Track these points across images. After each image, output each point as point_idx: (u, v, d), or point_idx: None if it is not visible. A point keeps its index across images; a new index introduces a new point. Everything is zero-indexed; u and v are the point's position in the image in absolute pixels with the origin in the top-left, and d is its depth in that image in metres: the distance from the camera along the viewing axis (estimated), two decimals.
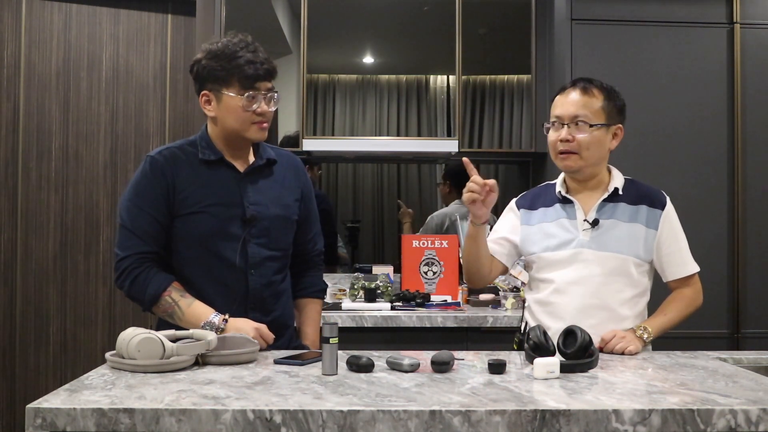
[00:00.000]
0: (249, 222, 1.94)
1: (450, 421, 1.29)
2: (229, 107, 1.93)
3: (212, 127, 2.01)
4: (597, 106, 2.04)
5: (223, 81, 1.91)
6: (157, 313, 1.93)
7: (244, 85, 1.91)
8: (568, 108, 2.05)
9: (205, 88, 1.95)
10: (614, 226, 2.03)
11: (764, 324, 3.18)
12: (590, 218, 2.04)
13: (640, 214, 2.03)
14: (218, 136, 1.99)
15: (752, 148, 3.24)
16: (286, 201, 2.05)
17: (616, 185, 2.06)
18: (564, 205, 2.10)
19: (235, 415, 1.29)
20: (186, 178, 1.94)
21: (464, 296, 3.25)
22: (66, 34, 3.35)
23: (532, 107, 3.48)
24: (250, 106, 1.92)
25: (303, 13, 3.37)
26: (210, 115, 1.97)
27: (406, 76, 3.56)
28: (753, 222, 3.23)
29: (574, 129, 2.03)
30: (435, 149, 3.48)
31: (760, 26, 3.27)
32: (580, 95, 2.05)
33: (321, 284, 2.23)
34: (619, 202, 2.05)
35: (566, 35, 3.23)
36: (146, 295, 1.89)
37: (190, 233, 1.93)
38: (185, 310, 1.88)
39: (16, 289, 3.25)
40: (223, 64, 1.90)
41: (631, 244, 2.01)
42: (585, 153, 2.03)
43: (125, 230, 1.92)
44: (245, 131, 1.95)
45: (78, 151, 3.35)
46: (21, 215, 3.27)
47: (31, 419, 1.29)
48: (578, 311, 1.99)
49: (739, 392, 1.47)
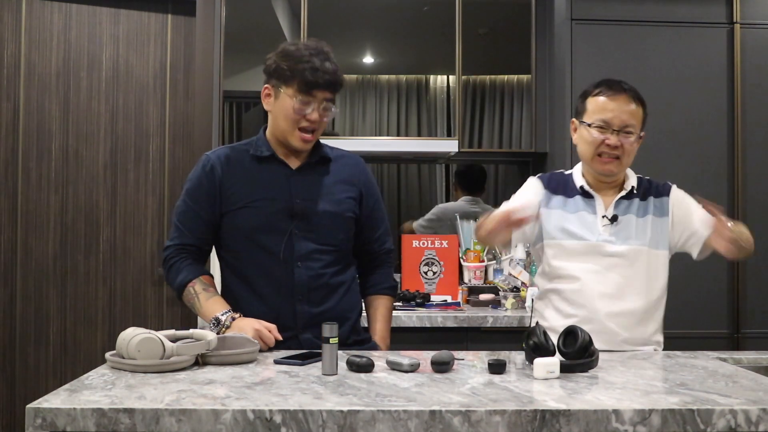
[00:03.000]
0: (296, 216, 1.99)
1: (450, 421, 1.29)
2: (283, 106, 1.98)
3: (269, 124, 2.07)
4: (640, 116, 2.12)
5: (285, 80, 1.97)
6: (185, 302, 2.04)
7: (302, 88, 1.96)
8: (620, 116, 2.07)
9: (269, 83, 2.01)
10: (631, 221, 2.11)
11: (764, 324, 3.18)
12: (609, 214, 2.11)
13: (649, 206, 2.12)
14: (272, 134, 2.06)
15: (752, 148, 3.24)
16: (339, 197, 2.07)
17: (633, 184, 2.15)
18: (585, 198, 2.15)
19: (235, 415, 1.29)
20: (235, 175, 2.03)
21: (464, 296, 3.25)
22: (66, 34, 3.35)
23: (532, 107, 3.48)
24: (302, 110, 1.96)
25: (303, 13, 3.37)
26: (267, 108, 2.04)
27: (406, 76, 3.56)
28: (753, 222, 3.21)
29: (623, 136, 2.07)
30: (435, 149, 3.48)
31: (760, 26, 3.27)
32: (631, 103, 2.09)
33: (389, 281, 2.23)
34: (633, 199, 2.13)
35: (566, 35, 3.23)
36: (175, 284, 2.02)
37: (237, 228, 2.02)
38: (203, 303, 1.97)
39: (16, 289, 3.25)
40: (290, 64, 1.96)
41: (647, 237, 2.09)
42: (626, 159, 2.11)
43: (173, 223, 2.07)
44: (289, 134, 2.00)
45: (78, 151, 3.35)
46: (21, 215, 3.27)
47: (31, 419, 1.29)
48: (601, 301, 2.05)
49: (739, 392, 1.47)
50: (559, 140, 3.25)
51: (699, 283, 2.19)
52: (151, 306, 3.40)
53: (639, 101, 2.11)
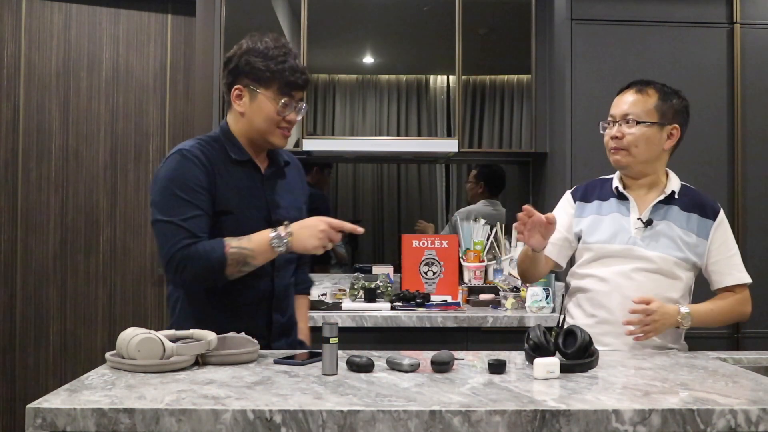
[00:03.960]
0: (273, 225, 1.90)
1: (450, 421, 1.29)
2: (262, 108, 1.91)
3: (236, 123, 1.97)
4: (650, 104, 2.10)
5: (263, 81, 1.90)
6: (230, 273, 1.82)
7: (283, 90, 1.91)
8: (621, 107, 2.12)
9: (240, 83, 1.92)
10: (667, 228, 2.09)
11: (764, 324, 3.18)
12: (644, 217, 2.10)
13: (691, 222, 2.10)
14: (241, 133, 1.96)
15: (752, 147, 3.24)
16: (299, 204, 2.08)
17: (673, 188, 2.12)
18: (619, 200, 2.15)
19: (235, 415, 1.29)
20: (221, 174, 1.91)
21: (464, 296, 3.25)
22: (66, 34, 3.35)
23: (532, 107, 3.48)
24: (282, 112, 1.92)
25: (303, 13, 3.37)
26: (239, 110, 1.94)
27: (406, 76, 3.56)
28: (753, 222, 3.23)
29: (624, 126, 2.09)
30: (435, 149, 3.48)
31: (760, 26, 3.27)
32: (634, 95, 2.12)
33: (309, 281, 2.30)
34: (672, 206, 2.11)
35: (566, 35, 3.23)
36: (213, 264, 1.79)
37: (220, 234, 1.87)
38: (251, 246, 1.81)
39: (16, 289, 3.25)
40: (269, 64, 1.89)
41: (680, 249, 2.07)
42: (633, 150, 2.09)
43: (170, 225, 1.81)
44: (270, 135, 1.94)
45: (78, 151, 3.35)
46: (21, 215, 3.27)
47: (31, 419, 1.29)
48: (621, 304, 2.04)
49: (739, 392, 1.47)
50: (559, 140, 3.25)
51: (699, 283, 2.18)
52: (151, 306, 3.40)
53: (652, 91, 2.11)
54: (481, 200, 3.70)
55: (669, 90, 2.14)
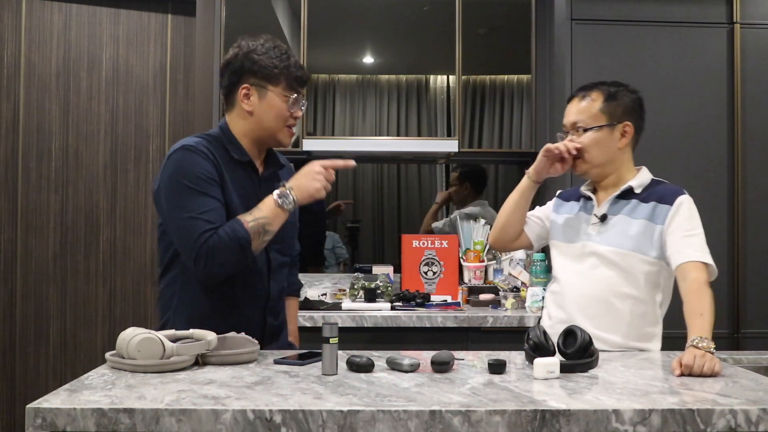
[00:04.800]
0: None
1: (450, 421, 1.29)
2: (272, 105, 1.92)
3: (239, 123, 1.95)
4: (595, 108, 2.09)
5: (272, 78, 1.91)
6: (255, 247, 1.81)
7: (292, 86, 1.93)
8: (569, 117, 2.14)
9: (248, 82, 1.92)
10: (621, 221, 2.06)
11: (764, 324, 3.18)
12: (599, 213, 2.10)
13: (651, 212, 2.05)
14: (245, 134, 1.95)
15: (752, 148, 3.24)
16: None
17: (632, 184, 2.09)
18: (586, 201, 2.18)
19: (235, 415, 1.29)
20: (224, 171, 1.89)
21: (464, 296, 3.25)
22: (66, 34, 3.35)
23: (532, 107, 3.48)
24: (291, 108, 1.94)
25: (303, 13, 3.37)
26: (247, 109, 1.92)
27: (406, 76, 3.56)
28: (753, 222, 3.23)
29: (575, 135, 2.11)
30: (435, 149, 3.48)
31: (760, 26, 3.27)
32: (578, 102, 2.13)
33: (298, 283, 2.31)
34: (632, 200, 2.08)
35: (566, 35, 3.23)
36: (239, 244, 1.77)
37: None
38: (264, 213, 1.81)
39: (16, 289, 3.25)
40: (275, 62, 1.91)
41: (637, 240, 2.03)
42: (587, 156, 2.10)
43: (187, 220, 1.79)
44: (278, 132, 1.95)
45: (78, 151, 3.35)
46: (21, 215, 3.27)
47: (31, 419, 1.29)
48: (576, 302, 2.06)
49: (739, 392, 1.47)
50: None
51: None
52: (151, 306, 3.39)
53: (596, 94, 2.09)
54: (472, 202, 3.68)
55: (615, 89, 2.11)
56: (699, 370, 1.63)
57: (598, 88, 2.12)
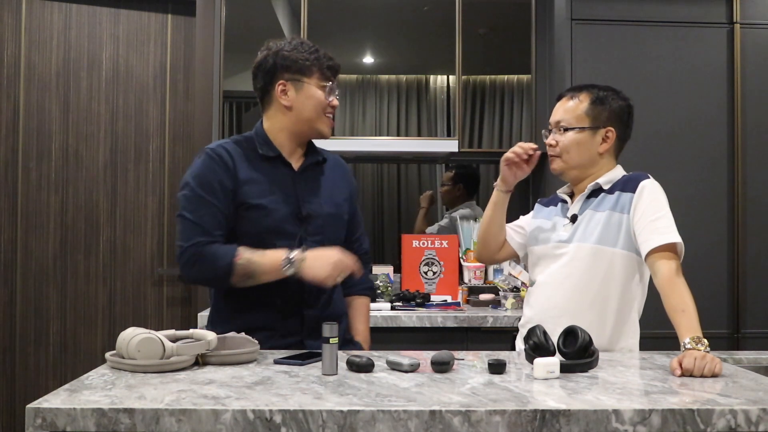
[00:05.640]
0: (305, 220, 1.97)
1: (450, 421, 1.29)
2: (310, 95, 1.98)
3: (277, 120, 2.01)
4: (581, 110, 2.09)
5: (305, 70, 1.97)
6: (235, 282, 1.88)
7: (326, 75, 2.00)
8: (555, 115, 2.14)
9: (283, 78, 1.98)
10: (587, 217, 2.06)
11: (764, 324, 3.18)
12: (569, 214, 2.11)
13: (611, 201, 2.03)
14: (283, 129, 2.01)
15: (752, 148, 3.24)
16: (338, 199, 2.09)
17: (599, 181, 2.08)
18: (563, 204, 2.18)
19: (235, 415, 1.29)
20: (247, 171, 1.96)
21: (464, 296, 3.25)
22: (66, 34, 3.35)
23: (532, 107, 3.48)
24: (328, 96, 2.00)
25: (303, 13, 3.37)
26: (285, 104, 1.98)
27: (406, 76, 3.56)
28: (753, 222, 3.23)
29: (558, 134, 2.11)
30: (435, 149, 3.48)
31: (760, 26, 3.27)
32: (566, 101, 2.13)
33: (368, 282, 2.27)
34: (600, 195, 2.08)
35: (566, 35, 3.23)
36: (219, 269, 1.86)
37: (248, 229, 1.94)
38: (261, 261, 1.86)
39: (16, 289, 3.25)
40: (306, 55, 1.97)
41: (603, 234, 2.01)
42: (565, 156, 2.10)
43: (187, 221, 1.90)
44: (318, 122, 2.00)
45: (78, 151, 3.35)
46: (21, 215, 3.27)
47: (31, 419, 1.29)
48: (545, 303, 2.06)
49: (739, 392, 1.47)
50: None
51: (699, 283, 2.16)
52: (151, 306, 3.40)
53: (584, 96, 2.09)
54: (462, 204, 3.68)
55: (605, 93, 2.10)
56: (699, 373, 1.63)
57: (587, 90, 2.11)
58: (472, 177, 3.75)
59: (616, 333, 2.02)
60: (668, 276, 1.85)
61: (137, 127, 3.42)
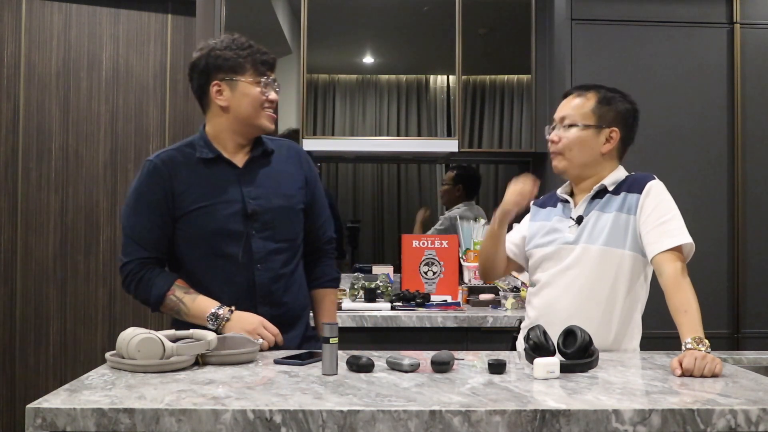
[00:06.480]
0: (251, 217, 1.95)
1: (450, 421, 1.29)
2: (245, 93, 1.96)
3: (217, 122, 2.01)
4: (587, 108, 2.07)
5: (237, 68, 1.96)
6: (165, 312, 1.97)
7: (259, 71, 1.97)
8: (560, 111, 2.11)
9: (217, 78, 1.97)
10: (594, 218, 2.03)
11: (764, 324, 3.18)
12: (575, 215, 2.07)
13: (618, 202, 2.02)
14: (224, 130, 2.00)
15: (752, 148, 3.24)
16: (289, 191, 2.04)
17: (605, 182, 2.06)
18: (564, 204, 2.14)
19: (235, 415, 1.29)
20: (185, 179, 1.96)
21: (464, 296, 3.25)
22: (66, 34, 3.35)
23: (532, 107, 3.48)
24: (264, 92, 1.98)
25: (303, 13, 3.37)
26: (221, 104, 1.98)
27: (406, 76, 3.56)
28: (753, 222, 3.23)
29: (561, 130, 2.08)
30: (435, 149, 3.48)
31: (760, 26, 3.27)
32: (573, 98, 2.11)
33: (333, 273, 2.22)
34: (606, 195, 2.06)
35: (566, 35, 3.23)
36: (151, 297, 1.94)
37: (192, 233, 1.95)
38: (190, 305, 1.92)
39: (16, 289, 3.25)
40: (238, 52, 1.96)
41: (611, 235, 1.99)
42: (568, 153, 2.07)
43: (126, 237, 1.97)
44: (257, 118, 1.98)
45: (78, 151, 3.35)
46: (21, 215, 3.27)
47: (31, 419, 1.29)
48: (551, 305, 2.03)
49: (739, 392, 1.47)
50: None
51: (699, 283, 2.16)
52: None
53: (591, 95, 2.08)
54: (460, 204, 3.68)
55: (612, 94, 2.09)
56: (700, 373, 1.63)
57: (595, 89, 2.10)
58: (473, 178, 3.75)
59: (620, 334, 2.02)
60: (674, 276, 1.85)
61: (137, 127, 3.42)
